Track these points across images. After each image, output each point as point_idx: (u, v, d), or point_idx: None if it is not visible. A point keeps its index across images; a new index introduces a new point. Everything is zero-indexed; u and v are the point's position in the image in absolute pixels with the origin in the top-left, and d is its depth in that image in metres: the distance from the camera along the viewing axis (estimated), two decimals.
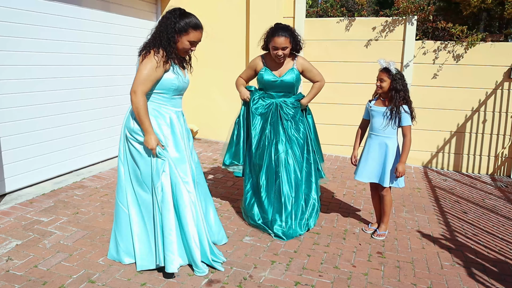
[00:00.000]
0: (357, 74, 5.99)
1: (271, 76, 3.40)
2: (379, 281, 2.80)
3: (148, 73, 2.54)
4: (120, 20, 5.27)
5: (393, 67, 3.17)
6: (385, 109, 3.23)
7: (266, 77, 3.42)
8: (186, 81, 2.81)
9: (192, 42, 2.67)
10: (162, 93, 2.69)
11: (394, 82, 3.15)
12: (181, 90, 2.79)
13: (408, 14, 5.66)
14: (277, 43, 3.21)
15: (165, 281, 2.66)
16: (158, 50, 2.57)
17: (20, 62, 3.94)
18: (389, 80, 3.17)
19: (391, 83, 3.17)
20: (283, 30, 3.23)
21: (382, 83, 3.21)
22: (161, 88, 2.67)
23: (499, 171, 5.88)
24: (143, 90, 2.54)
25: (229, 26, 6.30)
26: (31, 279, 2.60)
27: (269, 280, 2.73)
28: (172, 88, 2.70)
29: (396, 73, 3.17)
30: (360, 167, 3.40)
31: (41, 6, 4.11)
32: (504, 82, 5.61)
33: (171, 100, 2.75)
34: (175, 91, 2.73)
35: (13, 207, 3.65)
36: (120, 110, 5.36)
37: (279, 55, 3.27)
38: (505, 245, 3.48)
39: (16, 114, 3.95)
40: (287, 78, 3.42)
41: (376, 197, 3.52)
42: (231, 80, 6.35)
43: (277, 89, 3.48)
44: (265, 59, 3.51)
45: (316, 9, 6.71)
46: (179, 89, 2.75)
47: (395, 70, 3.17)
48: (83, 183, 4.39)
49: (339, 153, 6.23)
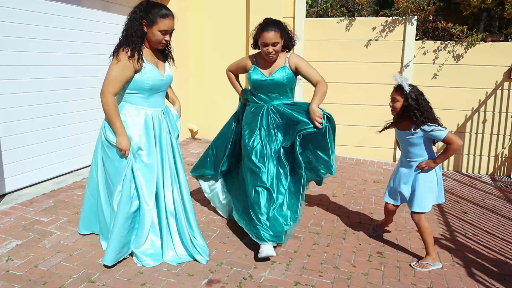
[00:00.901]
0: (357, 74, 6.00)
1: (260, 75, 3.11)
2: (379, 281, 2.80)
3: (115, 74, 2.51)
4: (120, 20, 5.25)
5: (406, 84, 2.81)
6: (408, 133, 2.89)
7: (254, 76, 3.12)
8: (164, 77, 2.72)
9: (164, 31, 2.59)
10: (137, 93, 2.65)
11: (407, 102, 2.80)
12: (159, 88, 2.71)
13: (408, 14, 5.67)
14: (266, 38, 2.93)
15: (165, 281, 2.66)
16: (127, 48, 2.52)
17: (20, 62, 3.93)
18: (402, 99, 2.84)
19: (404, 102, 2.83)
20: (273, 25, 2.97)
21: (395, 103, 2.88)
22: (134, 88, 2.63)
23: (499, 171, 5.88)
24: (111, 92, 2.52)
25: (229, 26, 6.30)
26: (31, 279, 2.60)
27: (269, 280, 2.73)
28: (146, 88, 2.65)
29: (411, 91, 2.80)
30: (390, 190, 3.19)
31: (41, 6, 4.11)
32: (504, 82, 5.61)
33: (147, 100, 2.69)
34: (151, 90, 2.67)
35: (13, 207, 3.65)
36: None
37: (269, 52, 2.97)
38: (505, 245, 3.48)
39: (16, 114, 3.95)
40: (276, 77, 3.09)
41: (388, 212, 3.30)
42: None
43: (266, 90, 3.16)
44: (256, 58, 3.23)
45: (316, 9, 6.72)
46: (155, 87, 2.68)
47: (409, 88, 2.80)
48: (83, 183, 4.39)
49: (339, 153, 6.23)
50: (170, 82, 2.83)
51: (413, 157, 2.94)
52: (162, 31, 2.58)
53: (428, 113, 2.79)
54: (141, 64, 2.57)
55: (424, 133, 2.82)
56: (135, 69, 2.57)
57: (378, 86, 5.95)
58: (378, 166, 5.77)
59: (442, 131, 2.79)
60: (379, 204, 4.27)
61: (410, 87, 2.81)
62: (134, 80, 2.60)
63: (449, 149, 2.79)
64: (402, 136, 2.95)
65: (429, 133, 2.80)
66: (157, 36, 2.59)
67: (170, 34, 2.64)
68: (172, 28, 2.63)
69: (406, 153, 2.98)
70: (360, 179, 5.13)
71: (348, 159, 6.04)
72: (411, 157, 2.95)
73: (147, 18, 2.55)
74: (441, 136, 2.79)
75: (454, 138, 2.77)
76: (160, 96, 2.79)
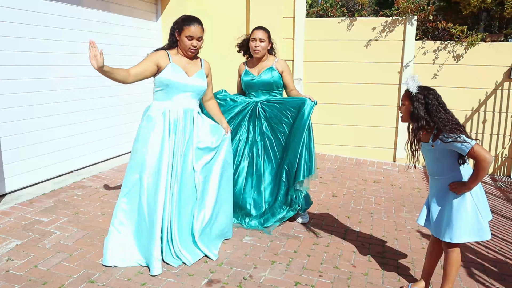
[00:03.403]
0: (357, 74, 6.00)
1: (250, 76, 3.59)
2: (379, 281, 2.80)
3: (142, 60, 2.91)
4: (120, 20, 5.27)
5: (414, 85, 2.37)
6: (428, 144, 2.41)
7: (245, 78, 3.61)
8: (190, 80, 2.96)
9: (190, 37, 2.91)
10: (161, 89, 2.94)
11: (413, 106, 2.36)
12: (181, 88, 2.94)
13: (408, 14, 5.67)
14: (255, 34, 3.50)
15: (165, 281, 2.66)
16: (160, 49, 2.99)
17: (19, 62, 3.93)
18: (408, 103, 2.40)
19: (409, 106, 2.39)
20: (262, 27, 3.58)
21: (401, 107, 2.47)
22: (159, 85, 2.93)
23: (499, 171, 5.88)
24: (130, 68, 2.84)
25: (229, 26, 6.29)
26: (31, 279, 2.60)
27: (269, 280, 2.73)
28: (166, 84, 2.90)
29: (417, 93, 2.35)
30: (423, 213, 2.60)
31: (41, 6, 4.11)
32: (504, 82, 5.61)
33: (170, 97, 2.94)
34: (172, 88, 2.91)
35: (13, 207, 3.65)
36: (120, 110, 5.36)
37: (256, 46, 3.48)
38: (505, 245, 3.48)
39: (16, 114, 3.95)
40: (264, 77, 3.55)
41: (434, 251, 2.62)
42: (231, 81, 6.35)
43: (255, 88, 3.61)
44: (247, 63, 3.71)
45: (316, 9, 6.73)
46: (176, 86, 2.92)
47: (416, 89, 2.36)
48: (83, 183, 4.39)
49: (339, 153, 6.23)
50: (198, 89, 3.01)
51: (438, 175, 2.45)
52: (188, 37, 2.91)
53: (441, 119, 2.30)
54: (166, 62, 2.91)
55: (444, 144, 2.31)
56: (158, 65, 2.89)
57: (378, 86, 5.96)
58: (378, 166, 5.78)
59: (466, 143, 2.23)
60: (379, 204, 4.27)
61: (419, 89, 2.36)
62: (159, 77, 2.90)
63: (478, 167, 2.23)
64: (424, 149, 2.47)
65: (447, 143, 2.28)
66: (185, 42, 2.93)
67: (197, 39, 2.94)
68: (197, 35, 2.93)
69: (430, 169, 2.50)
70: (360, 179, 5.13)
71: (348, 159, 6.04)
72: (436, 174, 2.46)
73: (178, 28, 2.95)
74: (464, 150, 2.24)
75: (482, 153, 2.21)
76: (185, 98, 2.97)
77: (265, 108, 3.58)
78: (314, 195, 4.45)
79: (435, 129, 2.34)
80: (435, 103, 2.33)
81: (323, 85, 6.10)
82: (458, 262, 2.45)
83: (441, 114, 2.32)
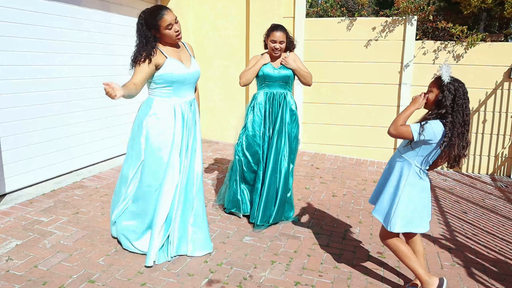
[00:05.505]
0: (357, 74, 6.00)
1: (271, 70, 3.69)
2: (379, 281, 2.80)
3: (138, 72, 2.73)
4: (120, 20, 5.26)
5: (446, 74, 2.33)
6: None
7: (266, 70, 3.70)
8: (190, 70, 2.89)
9: (167, 25, 2.74)
10: (165, 86, 2.84)
11: (443, 94, 2.33)
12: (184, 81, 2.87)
13: (408, 14, 5.67)
14: (275, 36, 3.59)
15: (165, 281, 2.66)
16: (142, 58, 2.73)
17: (20, 62, 3.93)
18: (437, 91, 2.37)
19: (438, 94, 2.36)
20: (280, 27, 3.66)
21: (429, 94, 2.42)
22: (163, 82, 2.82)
23: (499, 171, 5.88)
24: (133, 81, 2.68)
25: (229, 26, 6.30)
26: (31, 279, 2.60)
27: (269, 280, 2.74)
28: (172, 80, 2.83)
29: (450, 82, 2.32)
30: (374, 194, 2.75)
31: (41, 6, 4.11)
32: (504, 82, 5.61)
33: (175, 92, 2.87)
34: (177, 83, 2.84)
35: (13, 207, 3.65)
36: (120, 110, 5.36)
37: (276, 48, 3.60)
38: (505, 245, 3.48)
39: (16, 114, 3.95)
40: (284, 72, 3.70)
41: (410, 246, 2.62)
42: (231, 80, 6.38)
43: (273, 80, 3.72)
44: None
45: (316, 9, 6.73)
46: (180, 80, 2.84)
47: (448, 78, 2.32)
48: (83, 183, 4.39)
49: (339, 153, 6.23)
50: (197, 76, 2.98)
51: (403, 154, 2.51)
52: (167, 27, 2.74)
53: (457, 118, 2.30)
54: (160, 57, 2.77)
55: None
56: (155, 63, 2.75)
57: (378, 86, 5.95)
58: (378, 166, 5.77)
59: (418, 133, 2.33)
60: None
61: (452, 79, 2.33)
62: (161, 74, 2.79)
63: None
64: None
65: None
66: (167, 33, 2.76)
67: (176, 23, 2.79)
68: (174, 19, 2.77)
69: (401, 146, 2.57)
70: (360, 179, 5.13)
71: (348, 159, 6.04)
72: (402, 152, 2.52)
73: (151, 27, 2.75)
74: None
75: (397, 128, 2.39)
76: (187, 89, 2.94)
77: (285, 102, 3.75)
78: (314, 195, 4.45)
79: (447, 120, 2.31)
80: (462, 98, 2.31)
81: (323, 85, 6.09)
82: (399, 251, 2.48)
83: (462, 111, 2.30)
